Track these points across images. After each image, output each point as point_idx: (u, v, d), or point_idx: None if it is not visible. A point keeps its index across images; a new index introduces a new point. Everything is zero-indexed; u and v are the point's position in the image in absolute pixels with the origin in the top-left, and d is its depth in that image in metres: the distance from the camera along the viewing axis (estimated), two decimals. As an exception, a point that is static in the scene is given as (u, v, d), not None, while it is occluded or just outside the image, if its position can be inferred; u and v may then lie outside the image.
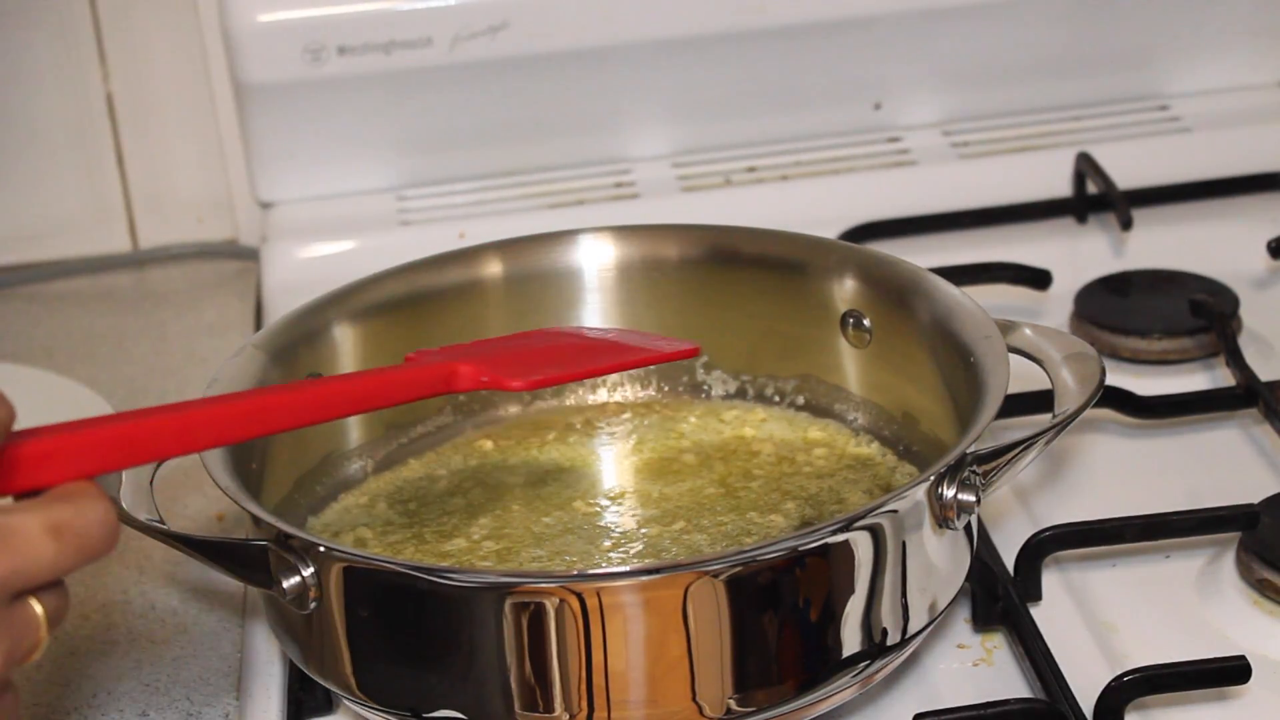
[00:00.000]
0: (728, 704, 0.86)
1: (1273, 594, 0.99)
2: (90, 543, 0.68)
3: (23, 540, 0.66)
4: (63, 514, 0.67)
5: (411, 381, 0.85)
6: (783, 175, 1.42)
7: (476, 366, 0.87)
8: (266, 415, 0.77)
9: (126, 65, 1.43)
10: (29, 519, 0.66)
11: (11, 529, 0.66)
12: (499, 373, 0.87)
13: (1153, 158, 1.40)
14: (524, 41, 1.36)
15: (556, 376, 0.90)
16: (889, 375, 1.05)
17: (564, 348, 0.93)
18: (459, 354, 0.90)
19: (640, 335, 0.97)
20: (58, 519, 0.67)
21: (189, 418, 0.73)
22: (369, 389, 0.83)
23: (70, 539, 0.67)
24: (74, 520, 0.67)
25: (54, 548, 0.66)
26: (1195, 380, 1.19)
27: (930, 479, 0.89)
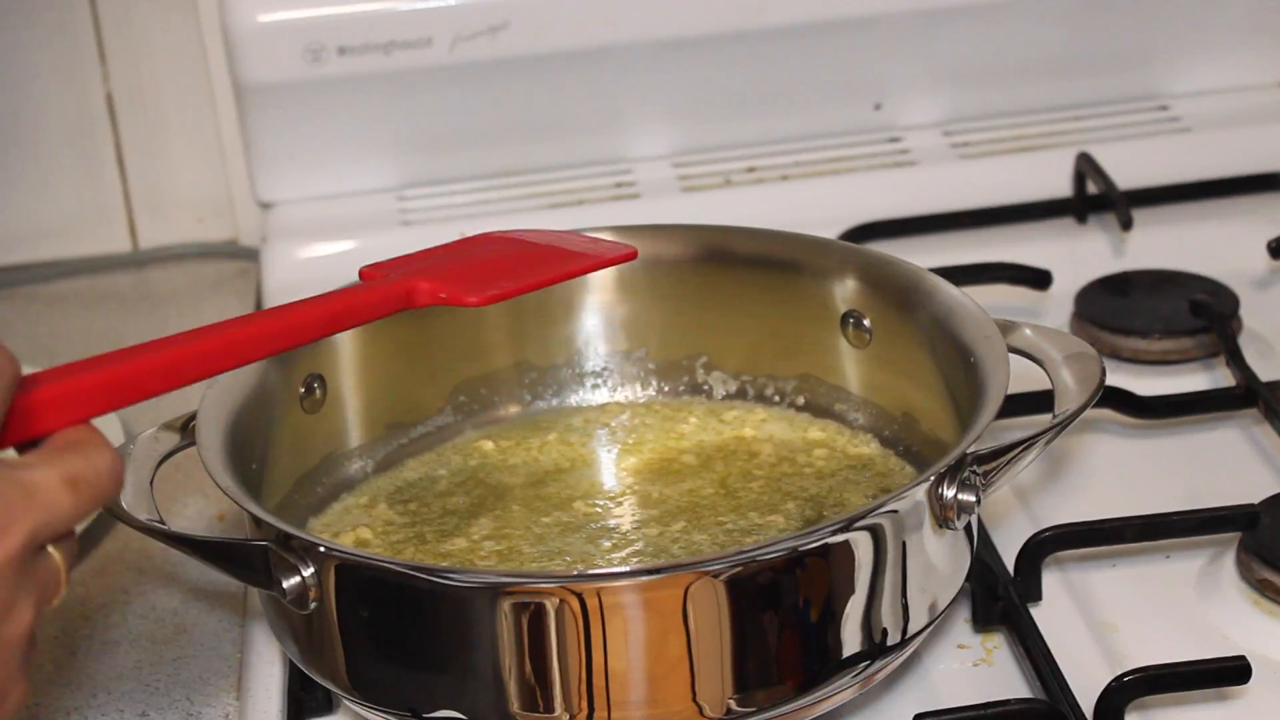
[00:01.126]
0: (728, 704, 0.86)
1: (1273, 594, 0.99)
2: (103, 489, 0.70)
3: (45, 494, 0.68)
4: (76, 464, 0.69)
5: (374, 301, 0.87)
6: (783, 175, 1.42)
7: (432, 283, 0.88)
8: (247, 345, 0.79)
9: (126, 65, 1.43)
10: (48, 473, 0.68)
11: (34, 484, 0.68)
12: (455, 289, 0.88)
13: (1153, 158, 1.40)
14: (524, 41, 1.36)
15: (511, 289, 0.90)
16: (889, 375, 1.05)
17: (512, 257, 0.94)
18: (412, 269, 0.90)
19: (579, 237, 0.98)
20: (73, 470, 0.69)
21: (175, 354, 0.75)
22: (336, 311, 0.84)
23: (85, 489, 0.69)
24: (86, 470, 0.69)
25: (72, 498, 0.69)
26: (1195, 380, 1.19)
27: (930, 479, 0.89)
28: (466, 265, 0.91)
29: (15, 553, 0.67)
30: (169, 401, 1.27)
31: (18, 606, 0.68)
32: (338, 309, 0.84)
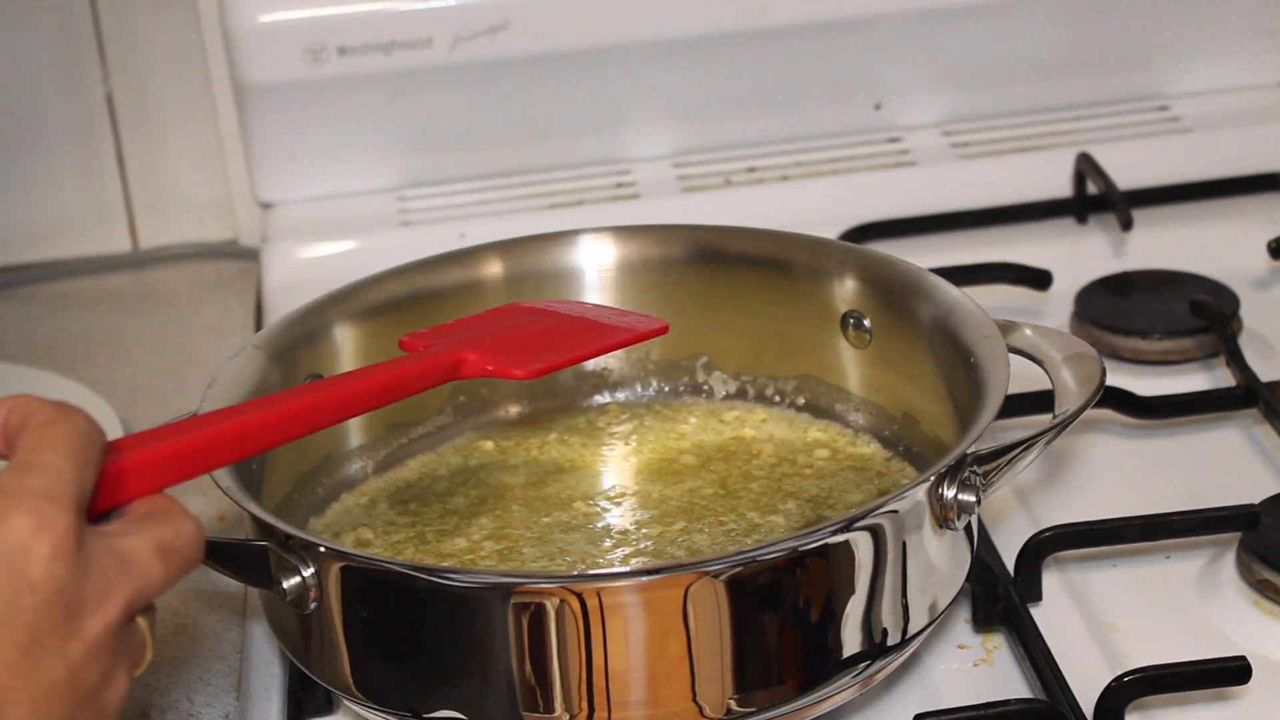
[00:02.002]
0: (728, 704, 0.86)
1: (1273, 594, 0.99)
2: (189, 557, 0.72)
3: (139, 564, 0.69)
4: (165, 534, 0.71)
5: (423, 373, 0.89)
6: (783, 175, 1.42)
7: (480, 355, 0.91)
8: (308, 416, 0.81)
9: (126, 65, 1.43)
10: (140, 542, 0.70)
11: (129, 553, 0.69)
12: (501, 361, 0.91)
13: (1153, 158, 1.40)
14: (524, 42, 1.36)
15: (555, 363, 0.93)
16: (889, 375, 1.05)
17: (550, 330, 0.96)
18: (455, 340, 0.92)
19: (609, 310, 1.00)
20: (163, 539, 0.71)
21: (243, 423, 0.78)
22: (388, 383, 0.86)
23: (175, 557, 0.71)
24: (175, 539, 0.71)
25: (163, 567, 0.70)
26: (1195, 380, 1.19)
27: (930, 479, 0.89)
28: (507, 337, 0.94)
29: (115, 621, 0.68)
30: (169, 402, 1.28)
31: (115, 675, 0.69)
32: (389, 381, 0.86)
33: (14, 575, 0.65)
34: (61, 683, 0.67)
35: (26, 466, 0.67)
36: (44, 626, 0.66)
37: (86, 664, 0.68)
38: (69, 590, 0.67)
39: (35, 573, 0.66)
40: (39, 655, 0.66)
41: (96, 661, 0.68)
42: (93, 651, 0.68)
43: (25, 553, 0.66)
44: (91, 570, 0.67)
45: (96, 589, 0.68)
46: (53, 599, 0.66)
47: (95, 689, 0.68)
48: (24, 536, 0.65)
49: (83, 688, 0.67)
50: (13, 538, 0.65)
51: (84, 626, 0.67)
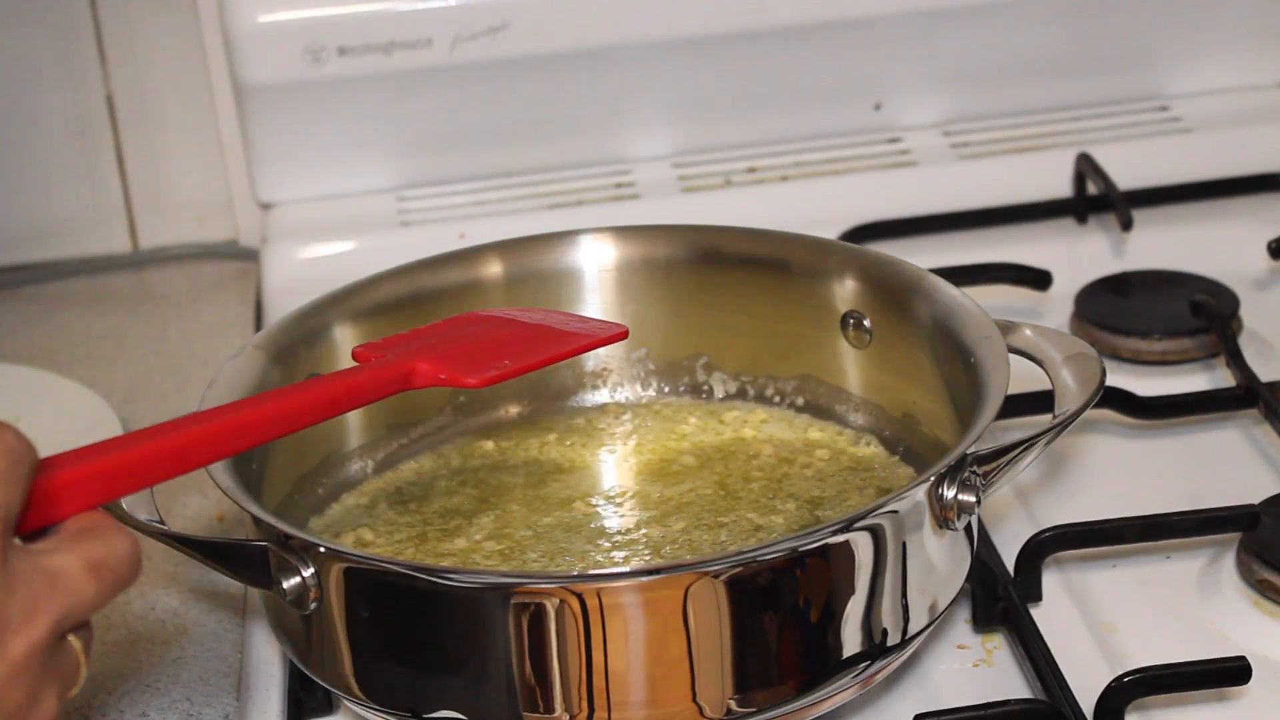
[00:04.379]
0: (728, 704, 0.86)
1: (1273, 594, 0.99)
2: (122, 576, 0.70)
3: (69, 582, 0.68)
4: (96, 550, 0.69)
5: (373, 383, 0.88)
6: (783, 175, 1.42)
7: (432, 364, 0.90)
8: (251, 429, 0.79)
9: (126, 65, 1.43)
10: (69, 560, 0.68)
11: (57, 572, 0.68)
12: (454, 370, 0.90)
13: (1153, 158, 1.40)
14: (524, 42, 1.36)
15: (509, 371, 0.92)
16: (889, 376, 1.05)
17: (506, 338, 0.95)
18: (409, 350, 0.91)
19: (566, 316, 0.99)
20: (94, 556, 0.69)
21: (185, 438, 0.75)
22: (336, 395, 0.85)
23: (107, 575, 0.69)
24: (108, 555, 0.69)
25: (95, 585, 0.69)
26: (1195, 381, 1.19)
27: (930, 479, 0.89)
28: (462, 345, 0.93)
29: (40, 642, 0.67)
30: (169, 402, 1.28)
31: (42, 698, 0.67)
32: (337, 393, 0.85)
33: None
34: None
35: None
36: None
37: (9, 685, 0.66)
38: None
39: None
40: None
41: (20, 682, 0.66)
42: (16, 672, 0.66)
43: None
44: (17, 589, 0.66)
45: (21, 609, 0.66)
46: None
47: (20, 710, 0.67)
48: None
49: (5, 709, 0.66)
50: None
51: (7, 647, 0.66)
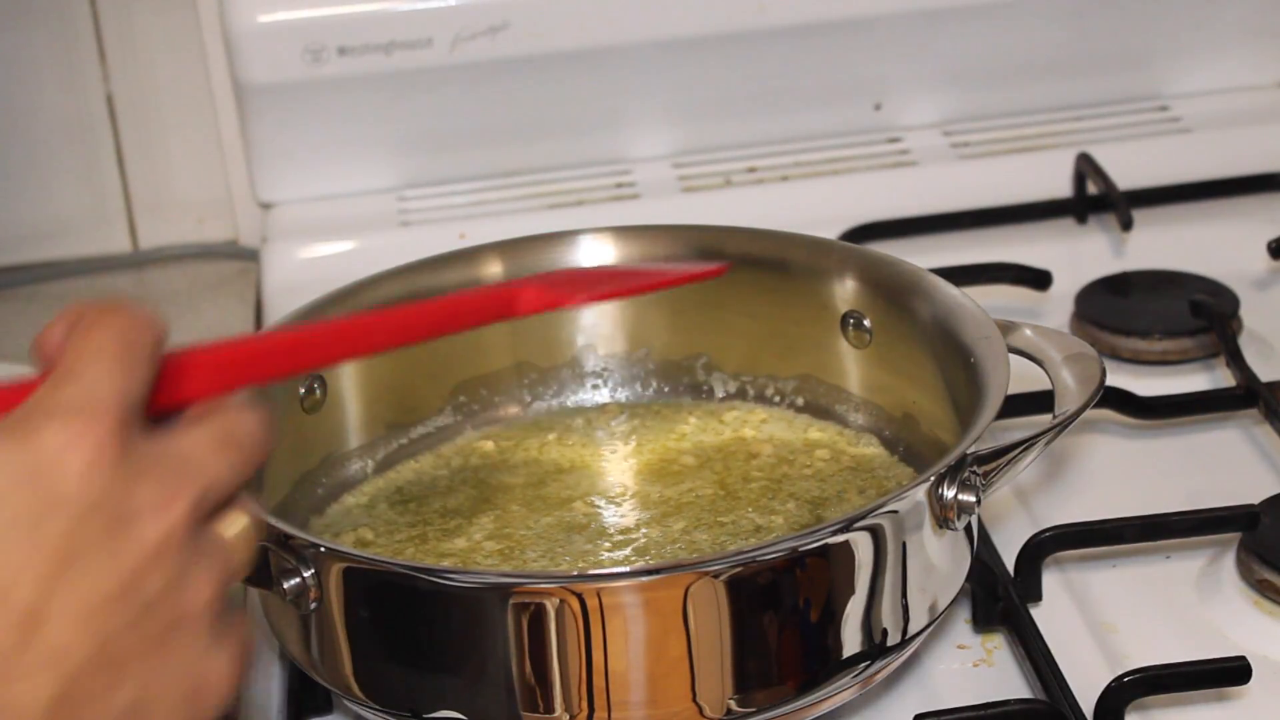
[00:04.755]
0: (728, 704, 0.86)
1: (1273, 594, 0.99)
2: (254, 448, 0.68)
3: (200, 461, 0.66)
4: (224, 426, 0.67)
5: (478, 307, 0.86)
6: (783, 175, 1.42)
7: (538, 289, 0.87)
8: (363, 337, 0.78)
9: (126, 65, 1.43)
10: (196, 438, 0.66)
11: (189, 451, 0.66)
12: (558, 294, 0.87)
13: (1153, 158, 1.40)
14: (524, 42, 1.36)
15: (613, 292, 0.91)
16: (889, 376, 1.05)
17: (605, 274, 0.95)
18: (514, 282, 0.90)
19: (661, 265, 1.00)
20: (223, 430, 0.67)
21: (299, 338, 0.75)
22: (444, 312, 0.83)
23: (239, 450, 0.67)
24: (236, 430, 0.68)
25: (227, 461, 0.67)
26: (1195, 381, 1.19)
27: (930, 479, 0.89)
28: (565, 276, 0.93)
29: (178, 523, 0.64)
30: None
31: (190, 578, 0.65)
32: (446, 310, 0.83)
33: (40, 493, 0.62)
34: (114, 593, 0.63)
35: (62, 378, 0.64)
36: (84, 539, 0.62)
37: (145, 571, 0.64)
38: (113, 498, 0.63)
39: (67, 487, 0.62)
40: (81, 568, 0.62)
41: (158, 567, 0.64)
42: (151, 557, 0.64)
43: (55, 468, 0.62)
44: (144, 475, 0.64)
45: (152, 493, 0.64)
46: (90, 511, 0.62)
47: (163, 594, 0.64)
48: (53, 452, 0.62)
49: (145, 594, 0.64)
50: (42, 454, 0.62)
51: (138, 532, 0.63)
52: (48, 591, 0.62)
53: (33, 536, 0.62)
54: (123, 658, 0.63)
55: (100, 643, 0.63)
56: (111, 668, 0.63)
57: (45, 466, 0.62)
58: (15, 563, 0.62)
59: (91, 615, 0.63)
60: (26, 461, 0.62)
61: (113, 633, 0.63)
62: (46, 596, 0.62)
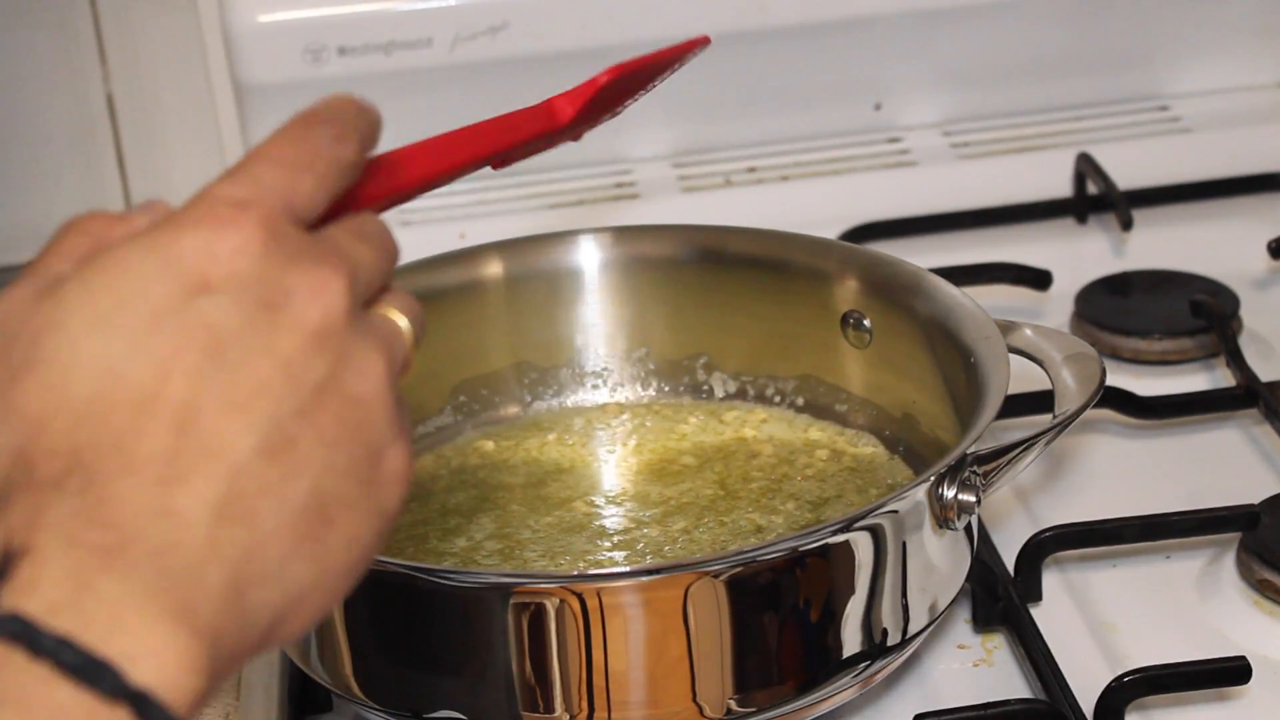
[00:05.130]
0: (728, 704, 0.86)
1: (1273, 594, 0.99)
2: (389, 242, 0.67)
3: (346, 248, 0.63)
4: (354, 223, 0.65)
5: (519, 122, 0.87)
6: (783, 175, 1.42)
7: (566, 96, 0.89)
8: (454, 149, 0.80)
9: (126, 65, 1.43)
10: (335, 232, 0.64)
11: (331, 239, 0.63)
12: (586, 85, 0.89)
13: (1153, 158, 1.40)
14: (524, 41, 1.36)
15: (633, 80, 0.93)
16: (889, 375, 1.05)
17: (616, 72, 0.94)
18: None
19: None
20: (355, 226, 0.65)
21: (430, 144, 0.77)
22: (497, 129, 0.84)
23: (376, 240, 0.65)
24: (365, 225, 0.66)
25: (369, 250, 0.64)
26: (1195, 381, 1.19)
27: (930, 479, 0.89)
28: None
29: (337, 306, 0.60)
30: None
31: (357, 361, 0.61)
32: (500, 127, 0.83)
33: (182, 281, 0.58)
34: (275, 378, 0.58)
35: (226, 176, 0.61)
36: (234, 325, 0.58)
37: (306, 355, 0.59)
38: (264, 281, 0.59)
39: (213, 273, 0.58)
40: (235, 355, 0.58)
41: (321, 350, 0.60)
42: (311, 340, 0.60)
43: (197, 254, 0.58)
44: (295, 259, 0.60)
45: (304, 276, 0.60)
46: (239, 295, 0.58)
47: (330, 378, 0.60)
48: (197, 241, 0.59)
49: (309, 379, 0.59)
50: (184, 242, 0.59)
51: (294, 315, 0.59)
52: (200, 384, 0.57)
53: (179, 328, 0.58)
54: (293, 448, 0.59)
55: (265, 433, 0.58)
56: (281, 459, 0.58)
57: (188, 254, 0.59)
58: (162, 357, 0.57)
59: (251, 404, 0.58)
60: (169, 252, 0.59)
61: (278, 421, 0.58)
62: (199, 390, 0.57)
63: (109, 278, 0.59)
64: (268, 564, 0.58)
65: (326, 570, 0.60)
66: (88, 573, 0.55)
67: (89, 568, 0.55)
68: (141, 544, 0.56)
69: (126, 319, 0.58)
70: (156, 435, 0.57)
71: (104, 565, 0.55)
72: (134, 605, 0.55)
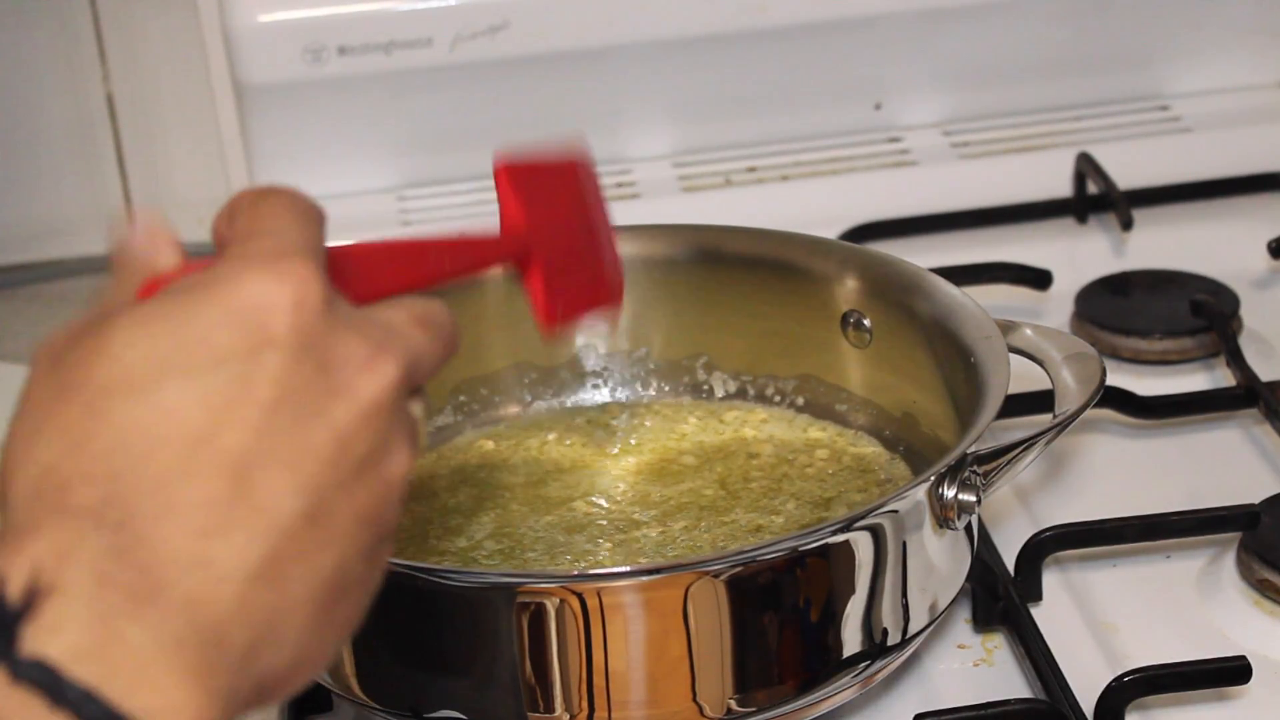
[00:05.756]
0: (728, 704, 0.86)
1: (1273, 594, 0.99)
2: (450, 331, 0.64)
3: (404, 330, 0.61)
4: (417, 307, 0.63)
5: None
6: (783, 175, 1.42)
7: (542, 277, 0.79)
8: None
9: (126, 65, 1.43)
10: (397, 313, 0.62)
11: (390, 320, 0.61)
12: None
13: (1153, 158, 1.40)
14: (524, 41, 1.36)
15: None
16: (889, 375, 1.05)
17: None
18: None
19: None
20: (418, 313, 0.63)
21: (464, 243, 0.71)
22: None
23: (435, 328, 0.63)
24: (429, 310, 0.63)
25: (428, 337, 0.62)
26: (1195, 380, 1.19)
27: (930, 479, 0.89)
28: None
29: (389, 386, 0.59)
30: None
31: (394, 448, 0.60)
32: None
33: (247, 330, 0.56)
34: (327, 445, 0.57)
35: (248, 235, 0.60)
36: (295, 384, 0.57)
37: (356, 428, 0.58)
38: (321, 344, 0.58)
39: (277, 326, 0.57)
40: (293, 415, 0.57)
41: (368, 428, 0.58)
42: (363, 415, 0.58)
43: (261, 305, 0.57)
44: (354, 329, 0.59)
45: (361, 349, 0.59)
46: (301, 353, 0.57)
47: (370, 459, 0.59)
48: (258, 291, 0.57)
49: (355, 453, 0.58)
50: (245, 292, 0.57)
51: (350, 388, 0.58)
52: (258, 438, 0.56)
53: (242, 377, 0.56)
54: (331, 519, 0.57)
55: (311, 499, 0.57)
56: (320, 528, 0.57)
57: (251, 304, 0.57)
58: (223, 404, 0.56)
59: (303, 467, 0.56)
60: (230, 302, 0.57)
61: (324, 490, 0.57)
62: (257, 444, 0.56)
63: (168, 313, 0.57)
64: (286, 630, 0.57)
65: (327, 641, 0.59)
66: (117, 619, 0.53)
67: (119, 613, 0.53)
68: (174, 594, 0.54)
69: (184, 358, 0.56)
70: (204, 481, 0.55)
71: (134, 613, 0.54)
72: (161, 660, 0.53)
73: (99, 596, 0.53)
